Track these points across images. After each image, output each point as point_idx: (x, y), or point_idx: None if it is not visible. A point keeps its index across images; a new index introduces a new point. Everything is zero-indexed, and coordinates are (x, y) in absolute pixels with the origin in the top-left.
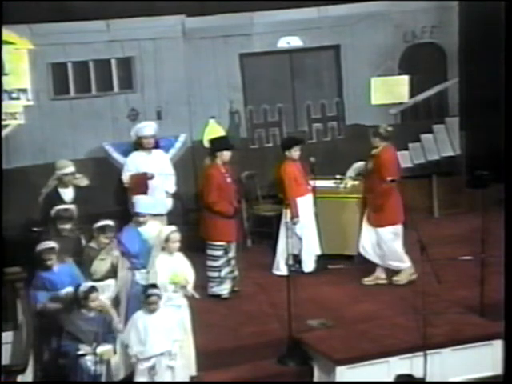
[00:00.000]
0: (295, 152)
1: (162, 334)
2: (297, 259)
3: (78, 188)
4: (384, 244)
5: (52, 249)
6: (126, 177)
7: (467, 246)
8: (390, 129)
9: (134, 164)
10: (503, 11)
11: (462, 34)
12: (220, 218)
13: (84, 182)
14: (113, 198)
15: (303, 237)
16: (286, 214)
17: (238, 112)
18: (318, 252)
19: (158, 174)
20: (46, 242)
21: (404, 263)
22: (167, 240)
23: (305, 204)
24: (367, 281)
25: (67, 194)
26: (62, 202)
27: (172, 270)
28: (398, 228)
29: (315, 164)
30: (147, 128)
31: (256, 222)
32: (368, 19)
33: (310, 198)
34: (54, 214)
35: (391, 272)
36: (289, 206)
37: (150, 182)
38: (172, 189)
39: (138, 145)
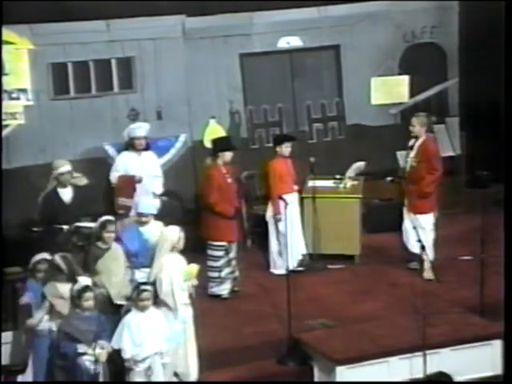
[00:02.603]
0: (286, 148)
1: (155, 332)
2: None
3: (76, 188)
4: (422, 231)
5: (45, 260)
6: (113, 177)
7: (467, 246)
8: (433, 118)
9: (123, 164)
10: (503, 11)
11: (462, 34)
12: (221, 218)
13: (83, 181)
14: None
15: (288, 235)
16: (270, 212)
17: (238, 112)
18: (304, 251)
19: (146, 176)
20: (41, 254)
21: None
22: (179, 240)
23: (290, 202)
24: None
25: (66, 193)
26: (61, 202)
27: (181, 268)
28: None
29: (315, 164)
30: (140, 129)
31: (256, 222)
32: (368, 19)
33: (295, 196)
34: (74, 229)
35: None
36: (273, 203)
37: (138, 185)
38: (159, 190)
39: (130, 145)
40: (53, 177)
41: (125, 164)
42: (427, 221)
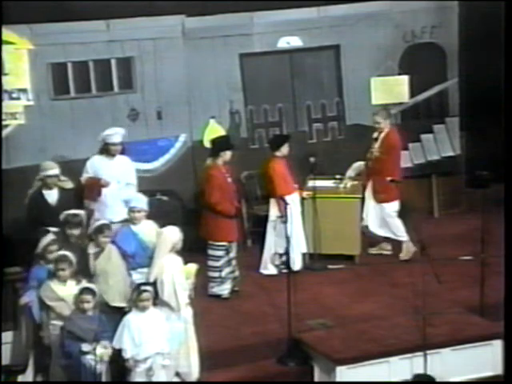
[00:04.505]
0: (285, 149)
1: (156, 333)
2: (282, 258)
3: (62, 190)
4: (389, 218)
5: (54, 241)
6: (83, 179)
7: (467, 246)
8: (393, 110)
9: (93, 168)
10: (503, 11)
11: (462, 34)
12: (222, 218)
13: (69, 184)
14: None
15: (290, 235)
16: (273, 213)
17: (238, 112)
18: (305, 250)
19: (117, 182)
20: (49, 235)
21: (405, 235)
22: (179, 240)
23: (292, 202)
24: (372, 250)
25: (51, 195)
26: (46, 203)
27: (180, 267)
28: (397, 204)
29: (315, 164)
30: (116, 136)
31: (256, 222)
32: (368, 19)
33: (296, 196)
34: (62, 219)
35: (396, 249)
36: (277, 203)
37: (107, 189)
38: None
39: (105, 150)
40: (38, 178)
41: (95, 168)
42: (392, 209)
